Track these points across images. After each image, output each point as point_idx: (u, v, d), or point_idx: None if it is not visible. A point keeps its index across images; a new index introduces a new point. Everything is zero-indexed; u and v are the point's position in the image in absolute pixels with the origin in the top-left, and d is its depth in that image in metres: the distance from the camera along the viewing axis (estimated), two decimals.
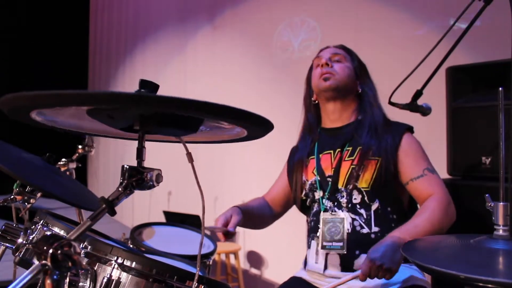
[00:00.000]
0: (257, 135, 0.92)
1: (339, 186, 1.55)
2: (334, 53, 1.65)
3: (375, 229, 1.49)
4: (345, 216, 1.52)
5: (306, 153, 1.68)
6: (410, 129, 1.59)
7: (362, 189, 1.51)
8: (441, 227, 1.39)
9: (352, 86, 1.63)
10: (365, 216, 1.50)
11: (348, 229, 1.51)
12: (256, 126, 0.85)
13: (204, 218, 0.93)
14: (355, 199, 1.52)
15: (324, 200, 1.58)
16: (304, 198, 1.67)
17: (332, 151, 1.61)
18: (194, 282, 0.97)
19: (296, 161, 1.71)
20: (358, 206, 1.52)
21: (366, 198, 1.51)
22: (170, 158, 3.40)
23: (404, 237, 1.31)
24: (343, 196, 1.54)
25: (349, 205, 1.53)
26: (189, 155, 0.91)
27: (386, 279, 1.29)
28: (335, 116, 1.64)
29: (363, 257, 1.48)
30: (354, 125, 1.61)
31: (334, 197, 1.56)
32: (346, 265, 1.50)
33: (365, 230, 1.50)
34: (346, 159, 1.57)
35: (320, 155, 1.64)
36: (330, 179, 1.58)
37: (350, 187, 1.52)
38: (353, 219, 1.51)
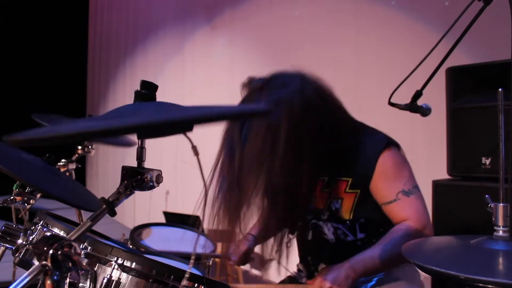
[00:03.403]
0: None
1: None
2: None
3: (360, 235, 1.44)
4: (326, 226, 1.48)
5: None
6: (388, 145, 1.43)
7: (345, 220, 1.44)
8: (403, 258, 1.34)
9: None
10: (348, 224, 1.44)
11: (332, 239, 1.46)
12: (254, 115, 0.84)
13: (205, 213, 0.93)
14: (344, 223, 1.46)
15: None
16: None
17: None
18: (183, 280, 0.97)
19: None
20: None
21: (351, 218, 1.45)
22: (167, 157, 3.41)
23: (357, 269, 1.32)
24: (328, 222, 1.49)
25: (331, 216, 1.47)
26: (194, 149, 0.91)
27: None
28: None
29: None
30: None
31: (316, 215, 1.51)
32: None
33: (350, 237, 1.45)
34: (323, 190, 1.49)
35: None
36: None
37: (331, 219, 1.47)
38: (336, 228, 1.46)
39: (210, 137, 1.32)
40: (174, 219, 3.63)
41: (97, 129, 0.67)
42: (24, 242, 1.20)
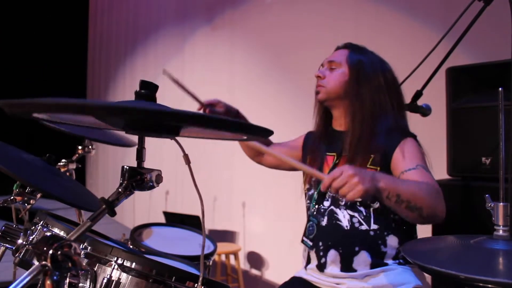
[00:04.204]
0: (257, 138, 0.92)
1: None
2: (330, 60, 1.62)
3: (374, 226, 1.49)
4: (342, 214, 1.52)
5: (316, 150, 1.68)
6: (412, 136, 1.55)
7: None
8: (422, 202, 1.29)
9: (348, 93, 1.57)
10: (364, 213, 1.50)
11: (346, 226, 1.51)
12: (251, 133, 0.84)
13: (204, 221, 0.93)
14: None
15: (318, 200, 1.59)
16: (306, 191, 1.69)
17: (335, 154, 1.61)
18: (199, 284, 0.97)
19: (308, 154, 1.73)
20: (358, 204, 1.52)
21: (367, 200, 1.50)
22: (167, 156, 3.40)
23: (382, 179, 1.25)
24: None
25: (348, 203, 1.52)
26: (186, 157, 0.90)
27: (348, 197, 1.18)
28: (340, 120, 1.64)
29: (362, 253, 1.48)
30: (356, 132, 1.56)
31: (333, 197, 1.56)
32: (346, 262, 1.50)
33: (364, 226, 1.49)
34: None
35: (326, 155, 1.64)
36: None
37: None
38: (352, 216, 1.51)
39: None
40: (174, 219, 3.64)
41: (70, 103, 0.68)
42: (24, 242, 1.20)
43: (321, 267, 1.54)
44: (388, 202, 1.29)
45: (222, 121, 0.76)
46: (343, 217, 1.52)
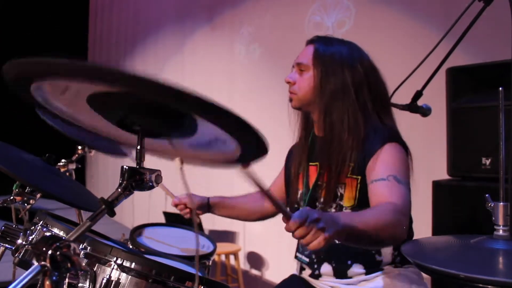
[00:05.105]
0: (250, 157, 0.90)
1: (322, 203, 1.48)
2: (298, 62, 1.54)
3: None
4: None
5: (300, 160, 1.61)
6: (396, 140, 1.42)
7: (348, 208, 1.43)
8: (381, 235, 1.16)
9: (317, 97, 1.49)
10: None
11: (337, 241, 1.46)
12: (249, 140, 0.82)
13: (196, 222, 0.93)
14: (345, 209, 1.45)
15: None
16: (296, 207, 1.60)
17: (317, 163, 1.54)
18: (196, 284, 0.97)
19: (292, 167, 1.65)
20: None
21: (355, 204, 1.43)
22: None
23: (338, 223, 1.03)
24: (331, 207, 1.47)
25: (337, 210, 1.46)
26: (180, 158, 0.90)
27: (314, 245, 1.00)
28: (319, 124, 1.55)
29: (355, 266, 1.45)
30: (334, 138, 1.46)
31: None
32: (340, 273, 1.47)
33: None
34: (329, 175, 1.46)
35: (309, 165, 1.57)
36: (313, 194, 1.52)
37: (334, 205, 1.46)
38: None
39: None
40: (174, 219, 3.63)
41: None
42: (23, 242, 1.20)
43: (315, 277, 1.52)
44: (347, 243, 1.19)
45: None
46: None
